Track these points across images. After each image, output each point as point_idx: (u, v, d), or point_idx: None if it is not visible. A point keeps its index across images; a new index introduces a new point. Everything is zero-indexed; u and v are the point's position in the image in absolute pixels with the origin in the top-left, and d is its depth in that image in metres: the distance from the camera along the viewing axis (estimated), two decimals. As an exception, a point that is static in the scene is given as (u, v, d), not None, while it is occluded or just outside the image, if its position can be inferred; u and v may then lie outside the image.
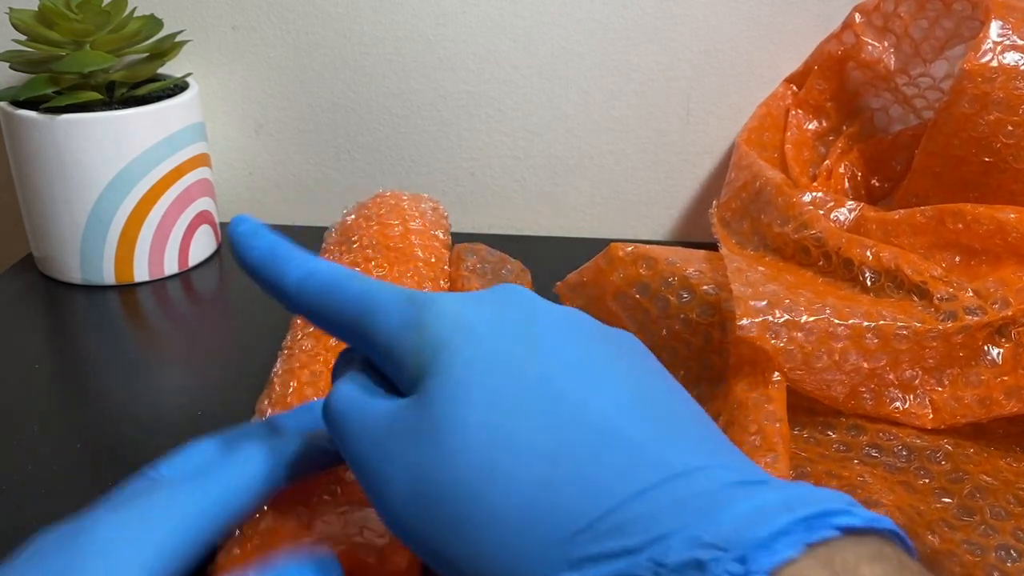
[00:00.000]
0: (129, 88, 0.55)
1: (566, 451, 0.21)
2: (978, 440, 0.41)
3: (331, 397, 0.25)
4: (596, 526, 0.20)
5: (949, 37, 0.51)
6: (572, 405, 0.21)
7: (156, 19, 0.55)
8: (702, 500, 0.19)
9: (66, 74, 0.51)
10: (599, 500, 0.20)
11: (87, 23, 0.51)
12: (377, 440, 0.23)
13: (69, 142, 0.51)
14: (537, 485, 0.20)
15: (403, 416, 0.23)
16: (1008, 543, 0.34)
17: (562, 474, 0.20)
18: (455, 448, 0.21)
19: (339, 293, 0.26)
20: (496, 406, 0.22)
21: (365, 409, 0.24)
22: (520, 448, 0.21)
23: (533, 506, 0.20)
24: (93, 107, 0.52)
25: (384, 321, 0.25)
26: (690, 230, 0.65)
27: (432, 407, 0.22)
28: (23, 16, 0.51)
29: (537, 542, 0.20)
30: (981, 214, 0.42)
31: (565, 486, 0.20)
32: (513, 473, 0.21)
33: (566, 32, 0.59)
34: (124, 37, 0.53)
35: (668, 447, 0.21)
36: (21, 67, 0.53)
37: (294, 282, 0.27)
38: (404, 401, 0.23)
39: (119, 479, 0.29)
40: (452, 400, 0.22)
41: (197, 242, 0.58)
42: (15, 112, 0.51)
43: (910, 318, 0.39)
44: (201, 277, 0.58)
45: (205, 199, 0.58)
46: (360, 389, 0.25)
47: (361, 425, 0.24)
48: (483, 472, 0.21)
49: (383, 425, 0.23)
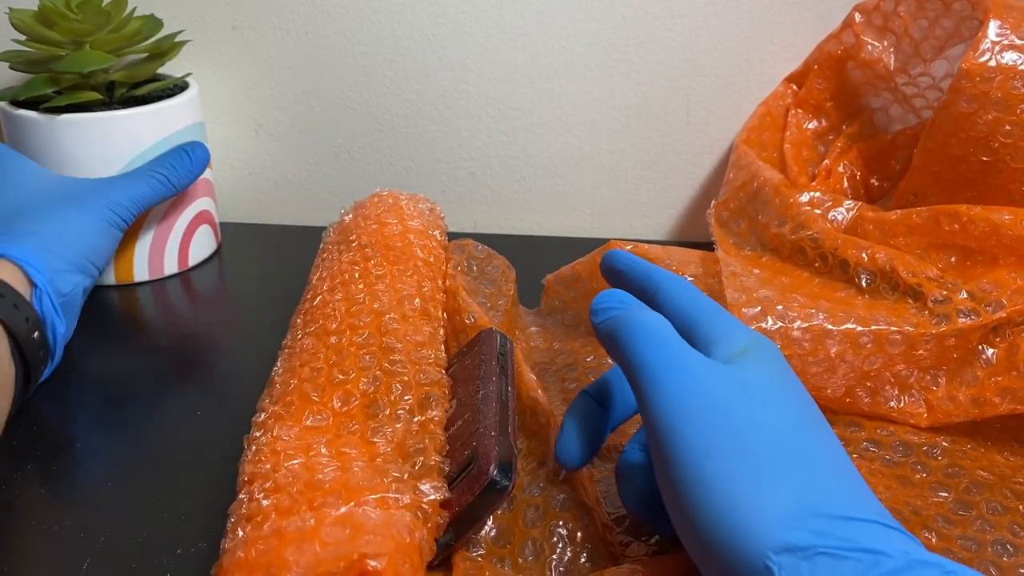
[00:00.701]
0: (129, 88, 0.55)
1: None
2: (974, 436, 0.41)
3: (650, 316, 0.30)
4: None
5: (948, 36, 0.51)
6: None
7: (156, 19, 0.56)
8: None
9: (66, 74, 0.51)
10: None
11: (87, 23, 0.51)
12: (697, 374, 0.28)
13: (69, 142, 0.51)
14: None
15: (728, 371, 0.28)
16: (1004, 538, 0.34)
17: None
18: (771, 407, 0.27)
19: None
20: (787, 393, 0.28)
21: (683, 347, 0.29)
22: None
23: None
24: (93, 107, 0.52)
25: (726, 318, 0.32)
26: (690, 230, 0.65)
27: (756, 374, 0.28)
28: (23, 16, 0.51)
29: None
30: (977, 215, 0.42)
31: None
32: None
33: (566, 32, 0.59)
34: (124, 37, 0.53)
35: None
36: (21, 67, 0.53)
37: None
38: (722, 365, 0.28)
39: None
40: (769, 379, 0.28)
41: (197, 242, 0.58)
42: (15, 112, 0.51)
43: (904, 322, 0.39)
44: (201, 277, 0.58)
45: (205, 199, 0.58)
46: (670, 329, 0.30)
47: (680, 353, 0.29)
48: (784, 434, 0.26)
49: (707, 367, 0.28)
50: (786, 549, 0.23)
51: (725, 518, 0.24)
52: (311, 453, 0.32)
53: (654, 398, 0.28)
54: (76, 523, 0.35)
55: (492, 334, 0.39)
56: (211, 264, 0.59)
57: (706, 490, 0.25)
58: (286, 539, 0.28)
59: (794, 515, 0.24)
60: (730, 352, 0.29)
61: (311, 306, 0.42)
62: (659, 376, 0.28)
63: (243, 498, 0.31)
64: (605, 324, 0.31)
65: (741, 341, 0.30)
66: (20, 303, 0.41)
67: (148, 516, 0.36)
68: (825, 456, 0.26)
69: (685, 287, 0.33)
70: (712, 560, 0.25)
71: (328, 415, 0.34)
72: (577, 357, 0.47)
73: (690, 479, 0.26)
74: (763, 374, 0.28)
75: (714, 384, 0.27)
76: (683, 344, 0.29)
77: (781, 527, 0.24)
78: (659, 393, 0.28)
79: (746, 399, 0.27)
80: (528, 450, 0.37)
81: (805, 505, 0.24)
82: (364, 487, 0.30)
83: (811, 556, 0.23)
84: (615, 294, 0.32)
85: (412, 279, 0.42)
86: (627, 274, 0.35)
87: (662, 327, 0.30)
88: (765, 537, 0.23)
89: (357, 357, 0.36)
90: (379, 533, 0.28)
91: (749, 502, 0.24)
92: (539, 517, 0.33)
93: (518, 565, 0.32)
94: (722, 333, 0.30)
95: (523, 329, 0.50)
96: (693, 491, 0.25)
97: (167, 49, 0.56)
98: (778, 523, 0.24)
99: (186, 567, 0.33)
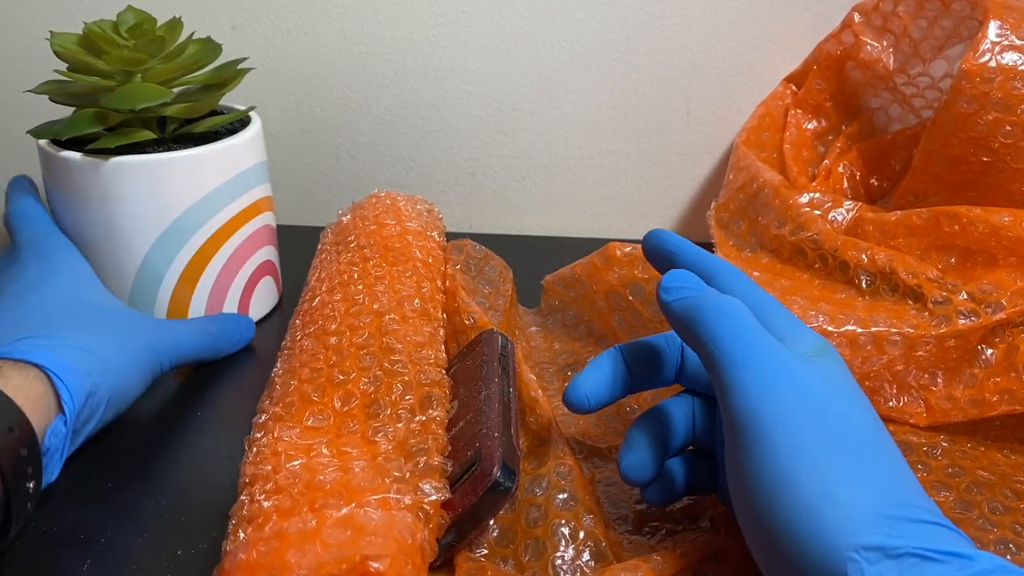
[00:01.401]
0: (181, 124, 0.48)
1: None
2: (974, 435, 0.41)
3: (733, 301, 0.30)
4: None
5: (948, 37, 0.51)
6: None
7: (214, 43, 0.47)
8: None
9: (115, 111, 0.43)
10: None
11: (139, 50, 0.43)
12: (788, 364, 0.28)
13: (118, 188, 0.43)
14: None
15: (814, 366, 0.28)
16: (1007, 537, 0.34)
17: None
18: (857, 407, 0.28)
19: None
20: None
21: (770, 336, 0.29)
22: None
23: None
24: (145, 146, 0.44)
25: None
26: (690, 230, 0.65)
27: (837, 375, 0.29)
28: (65, 42, 0.43)
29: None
30: (976, 216, 0.42)
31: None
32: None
33: (566, 32, 0.59)
34: (180, 66, 0.45)
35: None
36: (62, 100, 0.45)
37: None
38: (801, 360, 0.28)
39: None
40: (848, 380, 0.29)
41: (258, 296, 0.50)
42: (57, 153, 0.44)
43: (904, 323, 0.39)
44: (265, 333, 0.50)
45: (268, 247, 0.51)
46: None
47: (769, 342, 0.28)
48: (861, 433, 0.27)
49: (796, 359, 0.28)
50: (874, 547, 0.23)
51: (813, 510, 0.24)
52: (312, 454, 0.32)
53: (744, 384, 0.27)
54: (76, 523, 0.35)
55: (493, 335, 0.39)
56: (273, 319, 0.52)
57: (794, 480, 0.25)
58: (287, 541, 0.28)
59: (881, 515, 0.24)
60: (807, 350, 0.29)
61: (310, 307, 0.42)
62: (750, 362, 0.28)
63: (244, 499, 0.31)
64: (679, 304, 0.30)
65: (815, 341, 0.30)
66: (31, 449, 0.32)
67: (148, 517, 0.36)
68: (902, 461, 0.27)
69: (744, 279, 0.32)
70: (781, 551, 0.25)
71: (329, 415, 0.34)
72: (578, 357, 0.47)
73: (780, 466, 0.25)
74: (842, 376, 0.29)
75: (806, 376, 0.27)
76: (769, 334, 0.29)
77: (870, 524, 0.24)
78: (750, 380, 0.27)
79: (835, 396, 0.27)
80: (529, 450, 0.37)
81: (891, 505, 0.24)
82: (365, 488, 0.30)
83: (899, 556, 0.23)
84: (685, 274, 0.31)
85: (411, 280, 0.42)
86: (678, 256, 0.34)
87: (746, 314, 0.29)
88: (854, 533, 0.24)
89: (357, 357, 0.36)
90: (381, 534, 0.28)
91: (839, 497, 0.24)
92: (541, 516, 0.33)
93: (521, 564, 0.32)
94: (794, 330, 0.30)
95: (523, 329, 0.50)
96: (779, 479, 0.25)
97: (228, 79, 0.48)
98: (868, 520, 0.24)
99: (186, 568, 0.33)
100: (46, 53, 0.44)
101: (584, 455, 0.39)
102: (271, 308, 0.52)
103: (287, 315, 0.50)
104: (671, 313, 0.31)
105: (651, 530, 0.34)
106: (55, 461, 0.35)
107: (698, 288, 0.31)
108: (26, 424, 0.32)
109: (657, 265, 0.35)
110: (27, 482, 0.32)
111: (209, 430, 0.42)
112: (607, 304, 0.45)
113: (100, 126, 0.43)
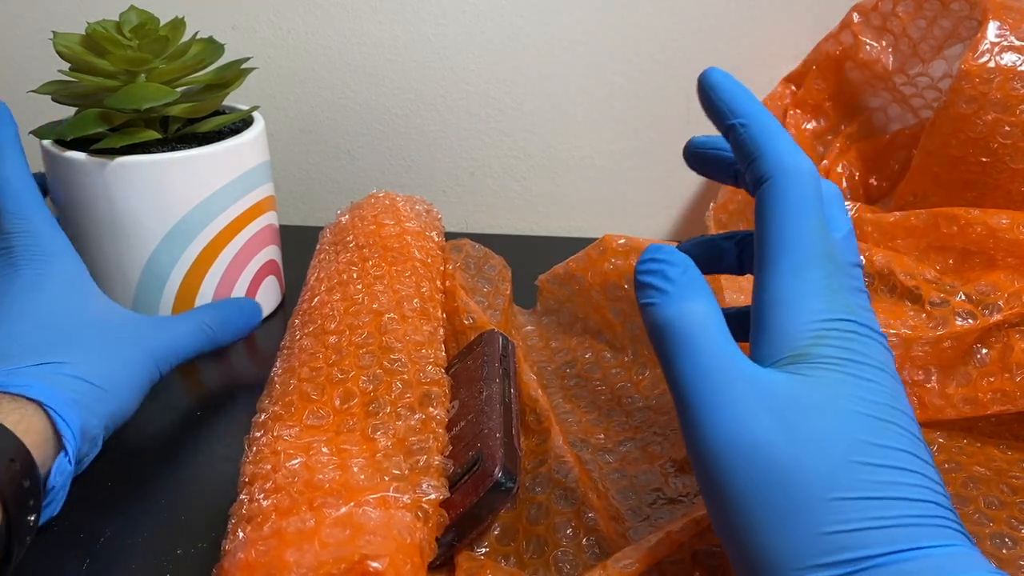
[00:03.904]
0: (184, 123, 0.48)
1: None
2: (970, 431, 0.41)
3: (694, 312, 0.27)
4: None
5: (947, 37, 0.51)
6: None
7: (216, 43, 0.48)
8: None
9: (119, 110, 0.43)
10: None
11: (143, 50, 0.44)
12: (736, 400, 0.25)
13: (123, 188, 0.44)
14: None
15: (805, 389, 0.25)
16: (1003, 531, 0.34)
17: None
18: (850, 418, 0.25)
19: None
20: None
21: (718, 362, 0.26)
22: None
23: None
24: (149, 146, 0.45)
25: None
26: (690, 230, 0.65)
27: (828, 388, 0.25)
28: (69, 42, 0.44)
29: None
30: (974, 218, 0.42)
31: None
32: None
33: (566, 32, 0.59)
34: (184, 66, 0.46)
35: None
36: (66, 100, 0.46)
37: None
38: (796, 378, 0.26)
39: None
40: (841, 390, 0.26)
41: (262, 295, 0.51)
42: (62, 154, 0.44)
43: (901, 324, 0.39)
44: (266, 333, 0.51)
45: (271, 247, 0.51)
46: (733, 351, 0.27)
47: (718, 369, 0.26)
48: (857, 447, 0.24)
49: (787, 392, 0.25)
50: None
51: (749, 560, 0.24)
52: (311, 452, 0.32)
53: (691, 424, 0.26)
54: (76, 523, 0.35)
55: (494, 335, 0.39)
56: (276, 319, 0.53)
57: (730, 531, 0.25)
58: (286, 540, 0.28)
59: (808, 565, 0.23)
60: (818, 327, 0.26)
61: (309, 306, 0.42)
62: (695, 400, 0.25)
63: (243, 499, 0.31)
64: (643, 309, 0.27)
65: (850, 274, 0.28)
66: (34, 481, 0.32)
67: (148, 517, 0.36)
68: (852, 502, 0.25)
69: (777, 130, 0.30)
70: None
71: (328, 413, 0.34)
72: (575, 355, 0.47)
73: (715, 510, 0.25)
74: (820, 396, 0.26)
75: (755, 421, 0.25)
76: (727, 357, 0.26)
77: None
78: (697, 420, 0.25)
79: (787, 439, 0.24)
80: (529, 449, 0.37)
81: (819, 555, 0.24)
82: (364, 486, 0.30)
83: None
84: (661, 254, 0.28)
85: (410, 280, 0.42)
86: (720, 97, 0.32)
87: (702, 332, 0.26)
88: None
89: (357, 356, 0.36)
90: (380, 534, 0.28)
91: (768, 555, 0.24)
92: (543, 514, 0.33)
93: (523, 561, 0.32)
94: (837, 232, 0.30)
95: (519, 328, 0.50)
96: (718, 522, 0.25)
97: (231, 79, 0.48)
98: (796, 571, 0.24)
99: (186, 568, 0.33)
100: (49, 53, 0.44)
101: (589, 451, 0.39)
102: (274, 307, 0.53)
103: (290, 314, 0.49)
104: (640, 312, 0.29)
105: (654, 526, 0.34)
106: (59, 498, 0.34)
107: (663, 290, 0.27)
108: (27, 456, 0.31)
109: (704, 106, 0.33)
110: (29, 515, 0.31)
111: (209, 430, 0.42)
112: (603, 296, 0.45)
113: (104, 126, 0.44)
